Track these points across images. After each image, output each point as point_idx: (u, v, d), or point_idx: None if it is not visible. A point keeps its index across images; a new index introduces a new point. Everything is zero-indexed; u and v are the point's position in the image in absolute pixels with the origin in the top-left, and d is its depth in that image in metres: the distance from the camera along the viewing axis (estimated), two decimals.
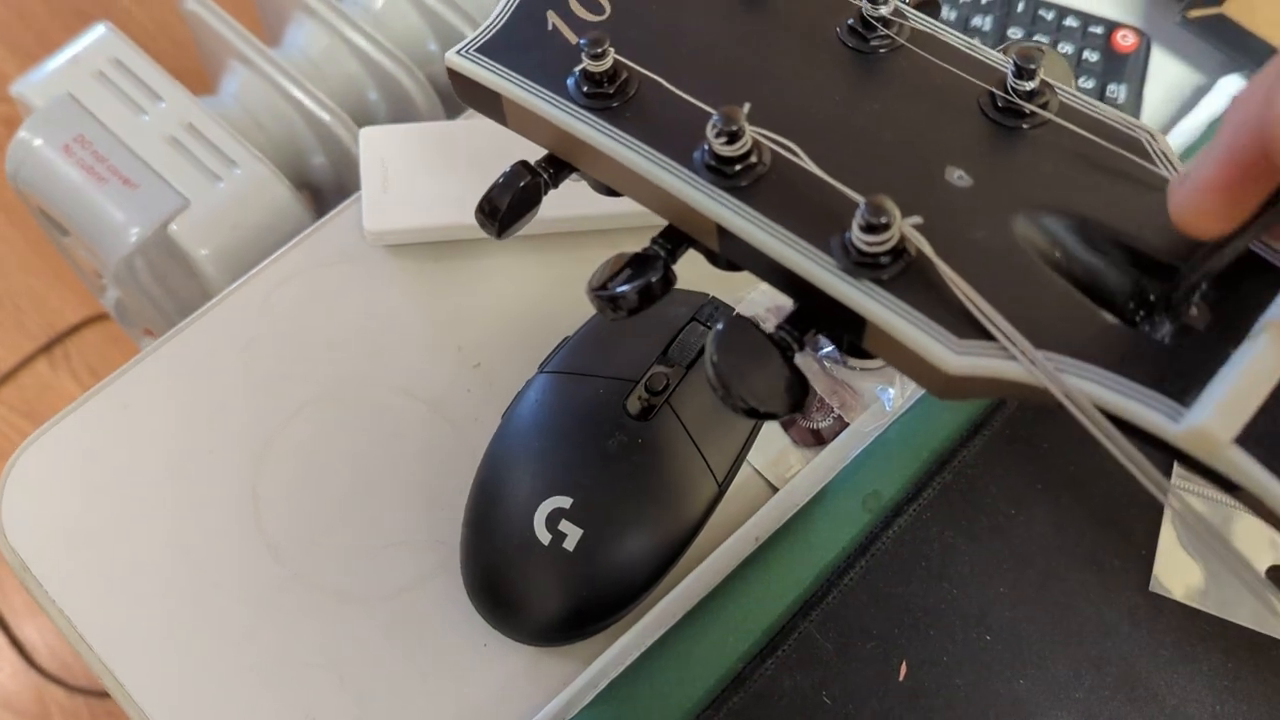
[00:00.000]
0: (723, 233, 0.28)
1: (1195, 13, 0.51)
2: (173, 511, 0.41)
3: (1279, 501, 0.22)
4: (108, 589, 0.40)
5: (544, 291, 0.46)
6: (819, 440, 0.43)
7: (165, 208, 0.56)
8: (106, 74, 0.60)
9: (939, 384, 0.25)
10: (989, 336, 0.25)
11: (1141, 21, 0.54)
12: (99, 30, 0.61)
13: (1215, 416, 0.22)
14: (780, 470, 0.42)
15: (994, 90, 0.28)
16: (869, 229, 0.25)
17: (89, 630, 0.39)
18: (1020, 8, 0.50)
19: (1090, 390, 0.24)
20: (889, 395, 0.43)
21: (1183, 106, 0.52)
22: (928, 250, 0.25)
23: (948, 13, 0.50)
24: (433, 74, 0.65)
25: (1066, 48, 0.49)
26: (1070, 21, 0.50)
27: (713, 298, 0.43)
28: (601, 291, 0.29)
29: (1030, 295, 0.25)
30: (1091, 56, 0.49)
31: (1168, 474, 0.41)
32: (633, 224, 0.47)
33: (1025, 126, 0.28)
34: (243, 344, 0.44)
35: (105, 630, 0.39)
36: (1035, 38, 0.50)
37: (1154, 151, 0.27)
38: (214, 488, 0.42)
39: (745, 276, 0.30)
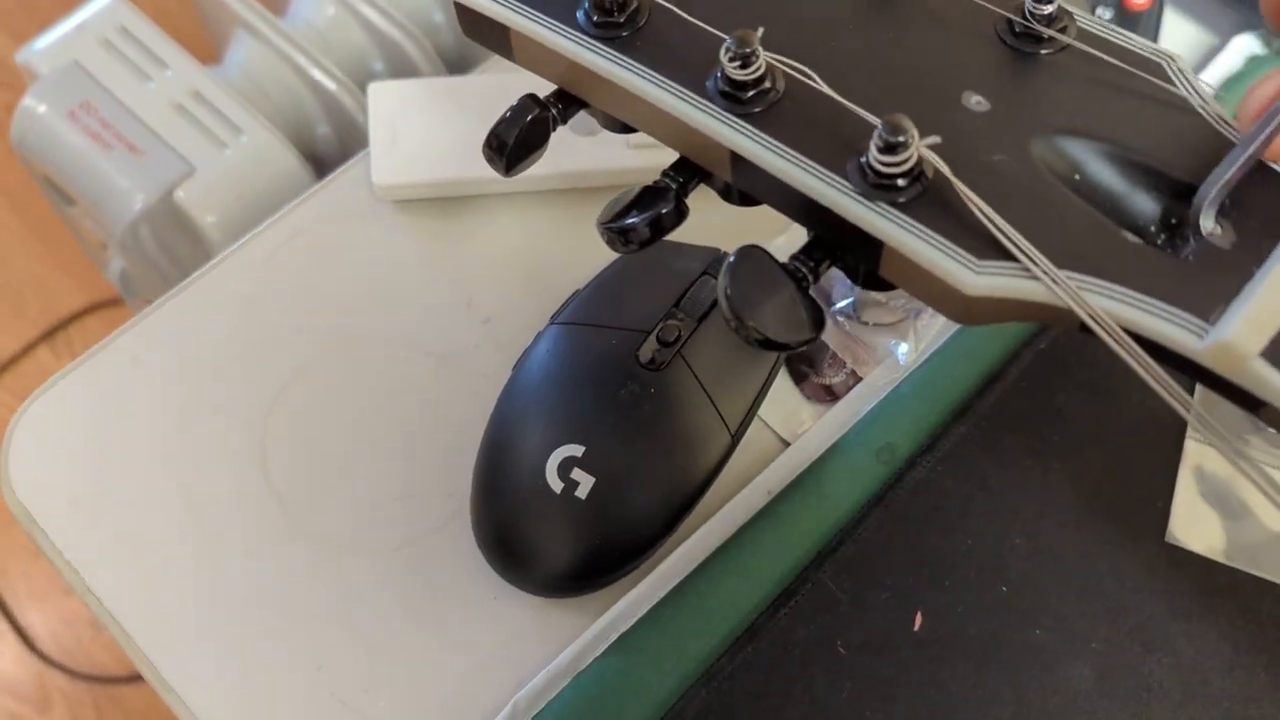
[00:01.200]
0: (737, 161, 0.28)
1: None
2: (180, 465, 0.41)
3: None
4: (115, 543, 0.40)
5: (554, 246, 0.46)
6: (832, 396, 0.43)
7: (171, 174, 0.56)
8: (113, 41, 0.59)
9: (959, 307, 0.25)
10: (1009, 257, 0.24)
11: None
12: None
13: (1240, 331, 0.22)
14: (793, 426, 0.42)
15: (1011, 16, 0.28)
16: (886, 148, 0.25)
17: (96, 582, 0.39)
18: None
19: (1113, 309, 0.24)
20: (902, 350, 0.42)
21: (1195, 67, 0.52)
22: (945, 170, 0.25)
23: None
24: (439, 44, 0.65)
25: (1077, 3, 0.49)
26: None
27: (725, 252, 0.42)
28: (612, 224, 0.29)
29: (1051, 216, 0.25)
30: (1105, 13, 0.49)
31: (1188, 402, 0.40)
32: (645, 179, 0.46)
33: (1044, 52, 0.28)
34: (249, 299, 0.44)
35: (113, 582, 0.39)
36: None
37: (1174, 73, 0.27)
38: (221, 441, 0.41)
39: (759, 229, 0.29)
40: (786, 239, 0.44)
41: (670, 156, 0.30)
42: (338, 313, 0.44)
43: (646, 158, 0.46)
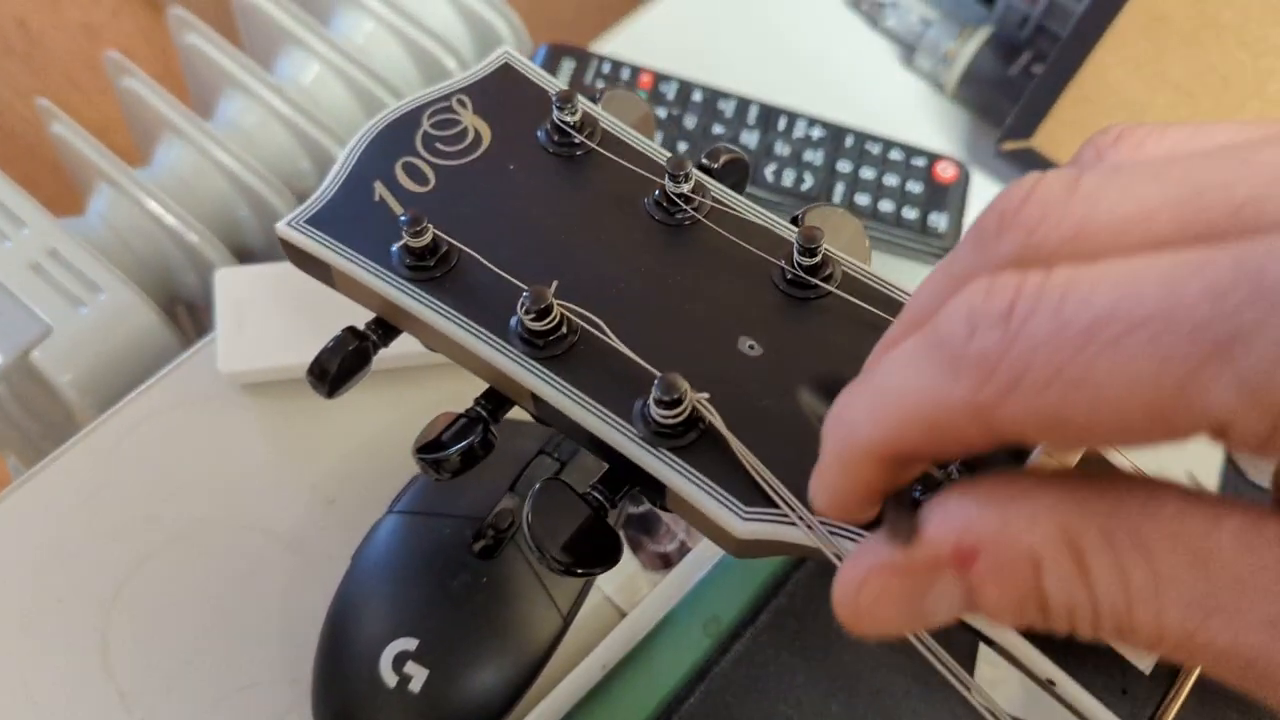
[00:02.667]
0: (536, 399, 0.30)
1: (1009, 145, 0.55)
2: (21, 662, 0.41)
3: (1023, 651, 0.25)
4: None
5: (397, 425, 0.47)
6: (666, 564, 0.45)
7: (26, 335, 0.56)
8: None
9: (731, 546, 0.27)
10: (775, 503, 0.27)
11: (965, 151, 0.58)
12: None
13: None
14: (629, 595, 0.44)
15: (783, 264, 0.31)
16: (662, 404, 0.27)
17: None
18: (849, 142, 0.53)
19: None
20: None
21: None
22: (718, 424, 0.27)
23: (781, 148, 0.54)
24: (303, 192, 0.66)
25: (891, 179, 0.53)
26: (894, 154, 0.54)
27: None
28: (425, 454, 0.31)
29: (812, 461, 0.28)
30: (915, 188, 0.53)
31: None
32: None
33: (811, 297, 0.30)
34: (93, 490, 0.45)
35: None
36: (861, 170, 0.53)
37: None
38: (63, 637, 0.42)
39: None
40: None
41: None
42: (184, 499, 0.45)
43: None
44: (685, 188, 0.32)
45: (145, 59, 0.98)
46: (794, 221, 0.33)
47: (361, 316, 0.32)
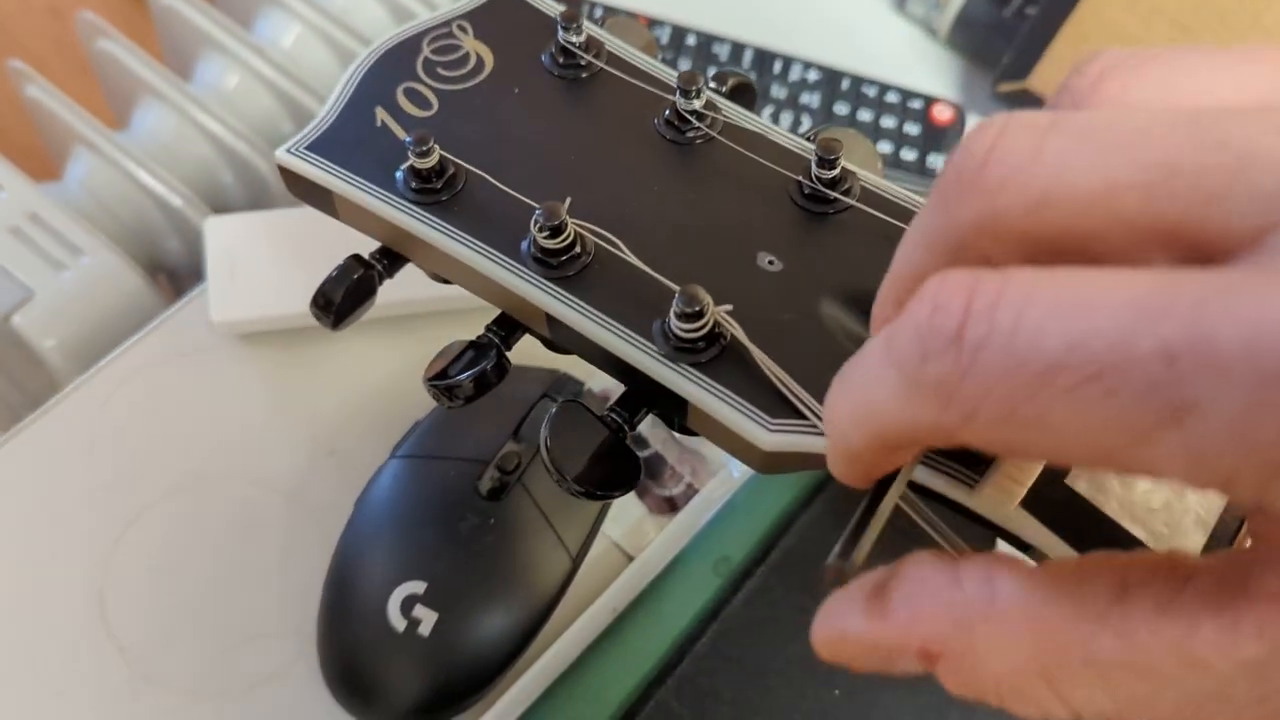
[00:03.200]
0: (552, 321, 0.29)
1: (1004, 87, 0.55)
2: (15, 618, 0.40)
3: (1058, 551, 0.24)
4: None
5: (396, 374, 0.46)
6: (672, 508, 0.44)
7: (7, 299, 0.55)
8: None
9: (758, 460, 0.27)
10: (801, 415, 0.26)
11: (959, 95, 0.58)
12: None
13: (1000, 483, 0.24)
14: (636, 539, 0.43)
15: (800, 179, 0.30)
16: (684, 317, 0.26)
17: None
18: (845, 85, 0.53)
19: None
20: (737, 461, 0.44)
21: None
22: (741, 336, 0.27)
23: (778, 90, 0.53)
24: None
25: (888, 121, 0.52)
26: (891, 97, 0.53)
27: (564, 373, 0.44)
28: (437, 381, 0.30)
29: (835, 373, 0.27)
30: (912, 130, 0.52)
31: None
32: (483, 303, 0.47)
33: (830, 212, 0.30)
34: (85, 444, 0.43)
35: None
36: (858, 113, 0.53)
37: None
38: (59, 592, 0.41)
39: None
40: None
41: None
42: (179, 452, 0.44)
43: None
44: (697, 104, 0.31)
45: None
46: (806, 140, 0.32)
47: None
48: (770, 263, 0.29)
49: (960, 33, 0.59)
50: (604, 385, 0.47)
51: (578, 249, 0.29)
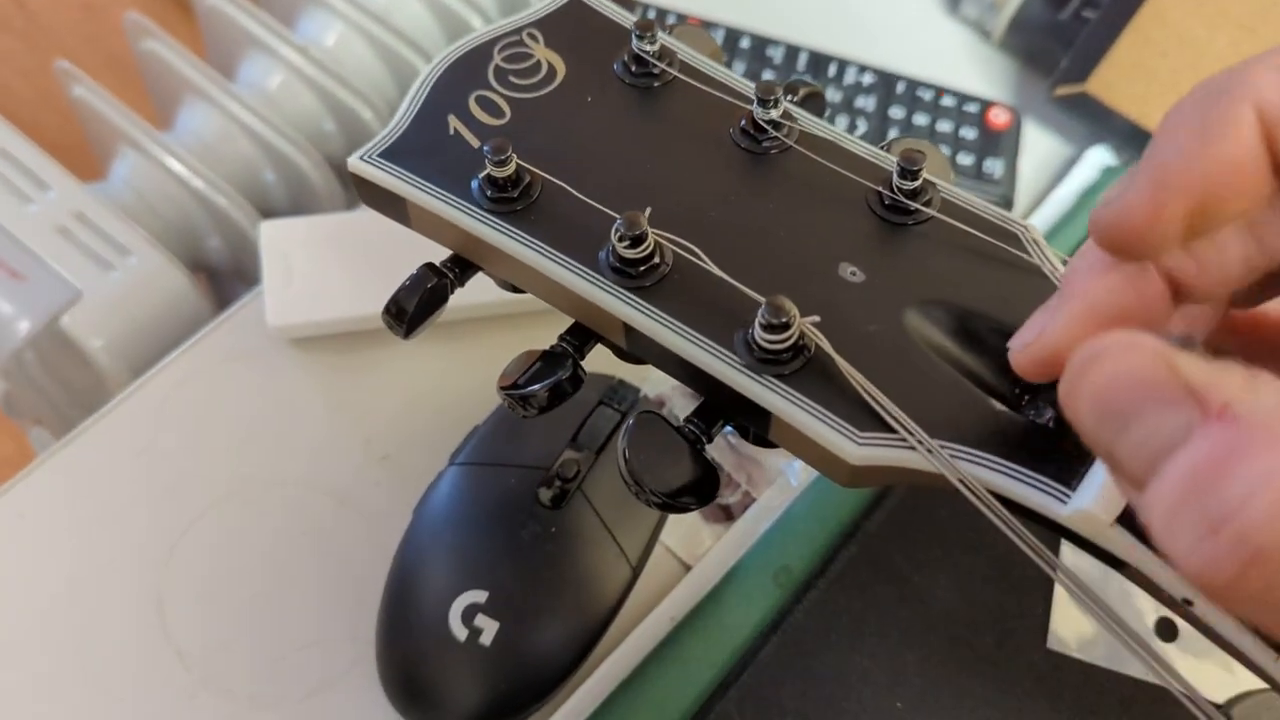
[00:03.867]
0: (630, 331, 0.29)
1: (1062, 90, 0.55)
2: (73, 625, 0.40)
3: (1159, 575, 0.24)
4: (7, 712, 0.39)
5: (452, 379, 0.46)
6: (728, 516, 0.44)
7: (56, 300, 0.55)
8: None
9: (844, 474, 0.27)
10: (888, 428, 0.26)
11: (1013, 98, 0.58)
12: None
13: (1098, 500, 0.24)
14: (692, 548, 0.43)
15: (880, 189, 0.30)
16: (770, 328, 0.26)
17: None
18: (900, 88, 0.53)
19: (984, 476, 0.25)
20: (795, 469, 0.44)
21: (1055, 176, 0.55)
22: (827, 347, 0.26)
23: (833, 94, 0.53)
24: (329, 153, 0.65)
25: (944, 126, 0.52)
26: (947, 101, 0.53)
27: (619, 380, 0.43)
28: (512, 390, 0.30)
29: (923, 385, 0.27)
30: (969, 134, 0.52)
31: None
32: (538, 308, 0.47)
33: (910, 223, 0.29)
34: (141, 448, 0.43)
35: None
36: (914, 117, 0.52)
37: (1028, 243, 0.29)
38: (117, 597, 0.41)
39: None
40: None
41: None
42: (234, 457, 0.44)
43: None
44: (775, 114, 0.31)
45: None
46: (882, 150, 0.32)
47: (407, 266, 0.31)
48: (852, 274, 0.29)
49: (1015, 35, 0.58)
50: (658, 391, 0.46)
51: (656, 259, 0.28)
